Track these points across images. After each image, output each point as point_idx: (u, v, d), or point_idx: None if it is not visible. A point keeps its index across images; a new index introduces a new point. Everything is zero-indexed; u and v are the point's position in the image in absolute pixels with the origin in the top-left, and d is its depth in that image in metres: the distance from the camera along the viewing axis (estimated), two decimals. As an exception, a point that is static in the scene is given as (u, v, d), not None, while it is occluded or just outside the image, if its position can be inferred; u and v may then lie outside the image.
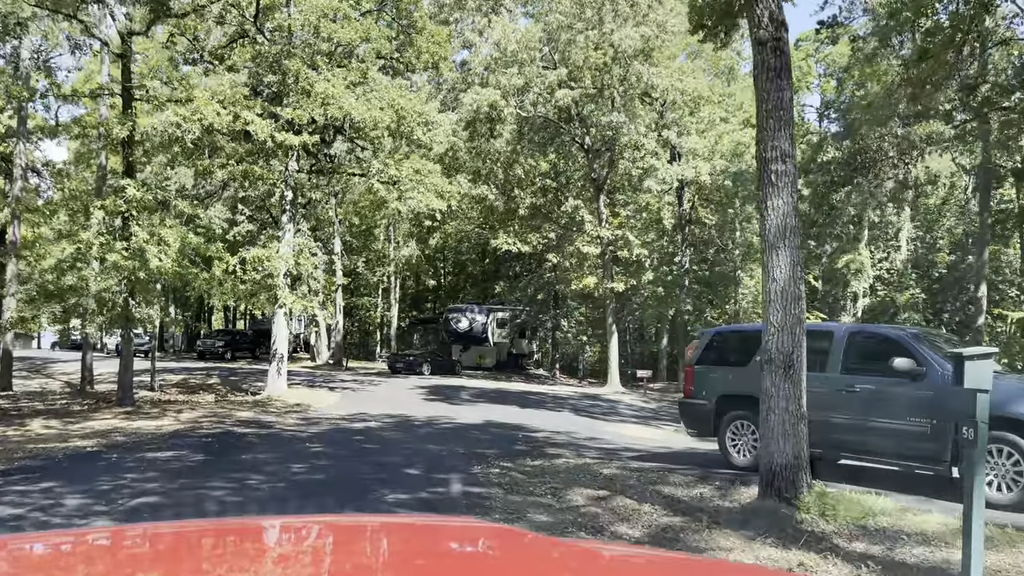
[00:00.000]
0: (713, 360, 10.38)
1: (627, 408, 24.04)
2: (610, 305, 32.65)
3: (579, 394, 28.78)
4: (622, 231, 30.73)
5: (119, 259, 16.88)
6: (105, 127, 18.03)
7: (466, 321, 38.59)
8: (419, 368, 34.72)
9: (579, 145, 31.49)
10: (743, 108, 32.96)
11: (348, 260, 48.12)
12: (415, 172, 22.56)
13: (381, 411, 18.97)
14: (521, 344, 42.56)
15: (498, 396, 24.99)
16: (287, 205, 22.69)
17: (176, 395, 23.03)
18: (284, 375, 22.55)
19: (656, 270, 34.37)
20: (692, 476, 9.18)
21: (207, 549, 1.90)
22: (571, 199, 30.91)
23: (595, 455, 11.71)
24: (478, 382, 31.95)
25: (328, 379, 29.92)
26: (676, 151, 31.60)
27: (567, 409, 22.11)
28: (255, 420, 16.47)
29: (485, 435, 14.57)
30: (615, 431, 16.76)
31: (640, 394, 30.76)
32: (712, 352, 10.51)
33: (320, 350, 43.37)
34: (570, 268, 32.95)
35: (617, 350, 33.00)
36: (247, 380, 27.62)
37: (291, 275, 22.18)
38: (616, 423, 19.04)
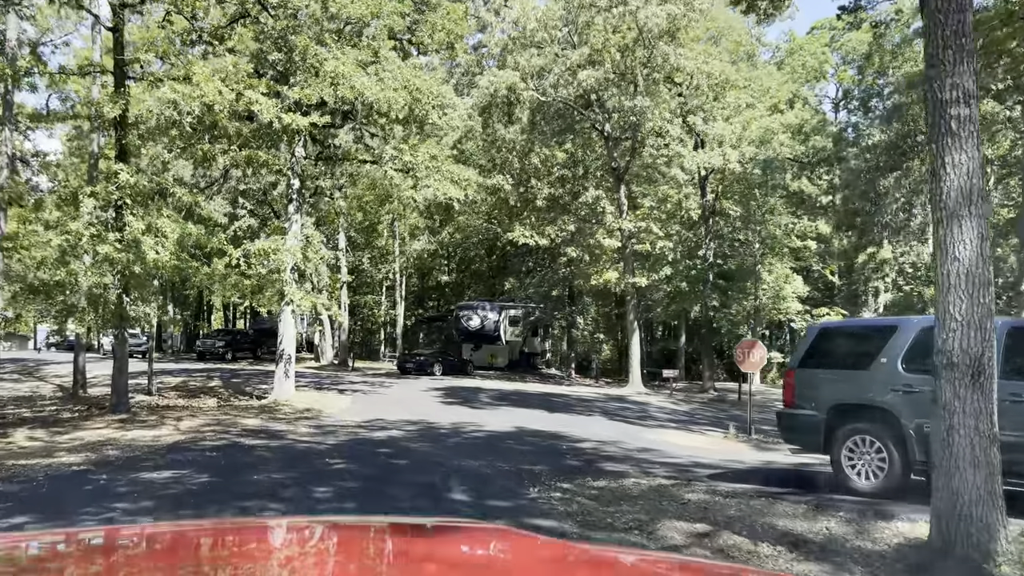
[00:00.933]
0: (821, 362, 8.70)
1: (659, 411, 22.43)
2: (631, 301, 31.02)
3: (602, 395, 27.17)
4: (646, 223, 29.09)
5: (112, 251, 15.25)
6: (96, 107, 16.36)
7: (477, 319, 36.95)
8: (430, 368, 33.09)
9: (599, 132, 29.83)
10: (769, 93, 31.31)
11: (352, 256, 46.51)
12: (431, 158, 20.91)
13: (399, 417, 17.37)
14: (534, 343, 40.91)
15: (519, 399, 23.38)
16: (294, 194, 21.04)
17: (175, 399, 21.41)
18: (292, 377, 20.92)
19: (677, 264, 32.73)
20: (805, 504, 7.56)
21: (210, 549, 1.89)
22: (592, 189, 29.24)
23: (665, 473, 10.08)
24: (493, 383, 30.32)
25: (336, 380, 28.30)
26: (700, 139, 29.96)
27: (597, 413, 20.51)
28: (264, 429, 14.84)
29: (524, 446, 12.95)
30: (663, 439, 15.14)
31: (666, 395, 29.16)
32: (819, 353, 8.82)
33: (324, 350, 41.75)
34: (589, 262, 31.29)
35: (639, 349, 31.38)
36: (250, 382, 26.01)
37: (298, 270, 20.55)
38: (657, 429, 17.44)
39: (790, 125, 29.54)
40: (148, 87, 17.14)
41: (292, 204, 21.03)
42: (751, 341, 16.77)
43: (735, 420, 21.38)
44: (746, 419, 21.28)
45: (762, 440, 15.95)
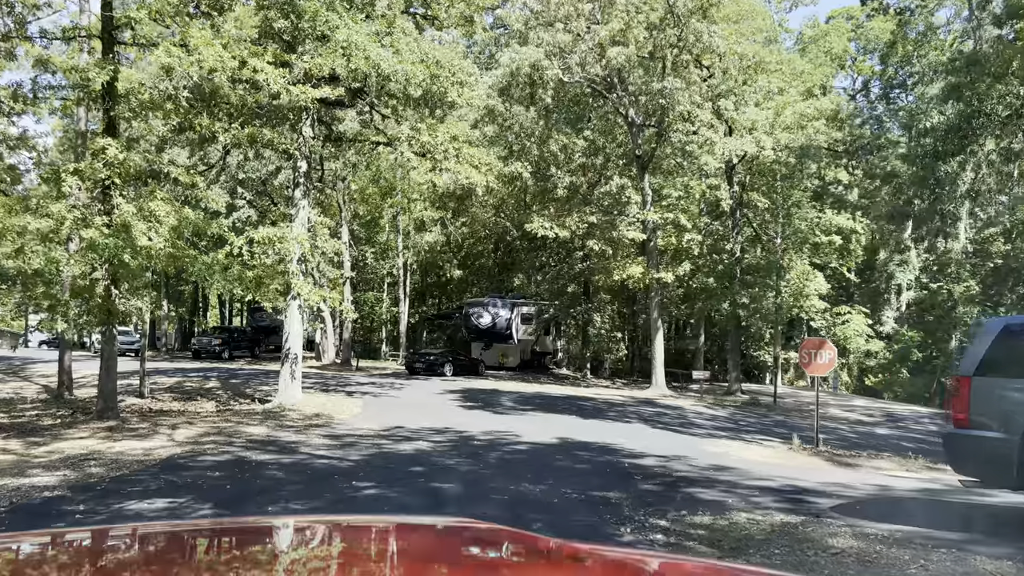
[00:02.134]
0: (1009, 370, 6.79)
1: (699, 417, 20.61)
2: (655, 298, 29.18)
3: (629, 398, 25.35)
4: (673, 214, 27.26)
5: (98, 237, 13.35)
6: (81, 74, 14.44)
7: (488, 316, 35.08)
8: (440, 368, 31.21)
9: (623, 117, 27.95)
10: (802, 77, 29.45)
11: (355, 251, 44.64)
12: (452, 139, 19.03)
13: (421, 424, 15.53)
14: (545, 342, 39.05)
15: (545, 403, 21.55)
16: (300, 178, 19.13)
17: (169, 402, 19.52)
18: (299, 379, 19.03)
19: (704, 259, 30.91)
20: (1011, 561, 5.72)
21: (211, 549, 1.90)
22: (616, 177, 27.36)
23: (773, 503, 8.25)
24: (509, 384, 28.47)
25: (341, 381, 26.42)
26: (728, 126, 28.09)
27: (634, 419, 18.68)
28: (272, 440, 12.96)
29: (579, 464, 11.10)
30: (727, 452, 13.31)
31: (693, 397, 27.36)
32: (1005, 357, 6.87)
33: (326, 348, 39.83)
34: (611, 256, 29.42)
35: (663, 349, 29.54)
36: (251, 383, 24.14)
37: (304, 261, 18.67)
38: (710, 439, 15.61)
39: (825, 111, 27.71)
40: (140, 53, 15.24)
41: (299, 189, 19.12)
42: (818, 340, 14.93)
43: (784, 427, 19.59)
44: (800, 427, 19.53)
45: (833, 453, 14.16)
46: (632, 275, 27.72)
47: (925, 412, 27.94)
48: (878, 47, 45.32)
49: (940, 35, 44.35)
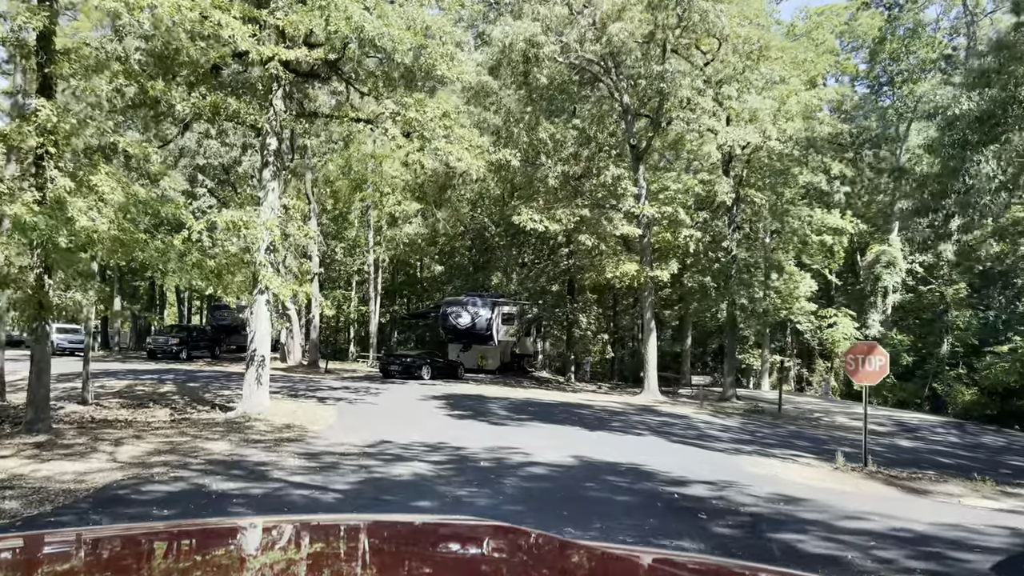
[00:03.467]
0: None
1: (709, 427, 18.78)
2: (649, 298, 27.37)
3: (626, 405, 23.47)
4: (672, 207, 25.44)
5: (26, 214, 11.03)
6: (11, 20, 12.10)
7: (468, 316, 32.97)
8: (417, 371, 29.05)
9: (618, 103, 26.06)
10: (804, 66, 27.90)
11: (324, 246, 42.24)
12: (443, 115, 16.94)
13: (410, 438, 13.44)
14: (526, 343, 37.04)
15: (540, 411, 19.55)
16: (270, 157, 16.85)
17: (117, 410, 17.11)
18: (267, 384, 16.75)
19: (694, 257, 29.21)
20: None
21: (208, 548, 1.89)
22: (612, 167, 25.46)
23: (910, 558, 6.33)
24: (493, 389, 26.44)
25: (311, 385, 24.16)
26: (727, 116, 26.40)
27: (645, 431, 16.77)
28: (237, 460, 10.76)
29: (618, 494, 9.09)
30: (772, 474, 11.45)
31: (693, 404, 25.60)
32: None
33: (292, 349, 37.34)
34: (604, 253, 27.52)
35: (656, 351, 27.73)
36: (210, 387, 21.78)
37: (274, 250, 16.44)
38: (740, 455, 13.77)
39: (830, 101, 26.18)
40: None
41: (268, 169, 16.84)
42: (867, 344, 13.16)
43: (804, 439, 17.87)
44: (821, 439, 17.83)
45: (889, 475, 12.38)
46: (626, 273, 25.85)
47: (934, 420, 26.52)
48: (866, 43, 44.21)
49: (928, 31, 43.42)
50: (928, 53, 42.37)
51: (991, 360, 35.71)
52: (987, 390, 36.63)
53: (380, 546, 2.00)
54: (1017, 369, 34.75)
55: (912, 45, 42.76)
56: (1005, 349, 35.56)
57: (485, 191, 38.71)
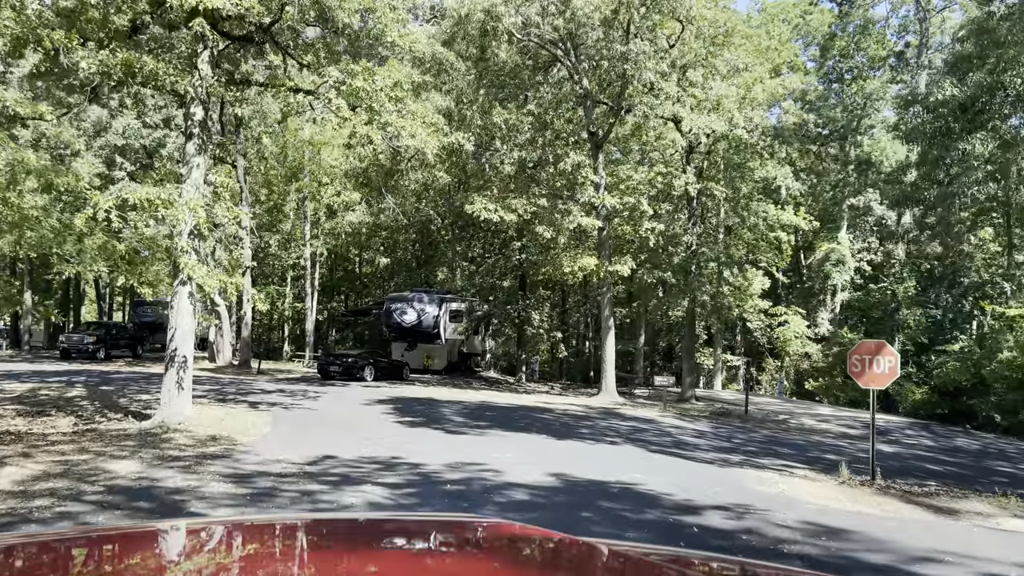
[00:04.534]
0: None
1: (682, 432, 17.35)
2: (607, 294, 25.90)
3: (588, 409, 21.94)
4: (634, 198, 24.01)
5: None
6: None
7: (414, 313, 31.02)
8: (359, 372, 26.99)
9: (578, 85, 24.45)
10: (767, 55, 26.85)
11: (257, 238, 39.64)
12: (394, 85, 15.03)
13: (357, 451, 11.59)
14: (474, 342, 35.24)
15: (498, 416, 17.83)
16: (195, 128, 14.65)
17: (11, 419, 14.70)
18: (189, 389, 14.56)
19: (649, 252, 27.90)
20: None
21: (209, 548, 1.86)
22: (572, 154, 23.87)
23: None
24: (443, 391, 24.62)
25: (242, 388, 21.92)
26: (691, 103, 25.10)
27: (617, 439, 15.22)
28: (146, 487, 8.72)
29: (627, 527, 7.41)
30: (787, 493, 9.99)
31: (655, 406, 24.24)
32: None
33: (221, 348, 34.70)
34: (559, 246, 25.91)
35: (614, 350, 26.31)
36: (127, 391, 19.41)
37: (199, 235, 14.28)
38: (730, 467, 12.32)
39: (794, 90, 25.17)
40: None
41: (192, 142, 14.64)
42: (875, 343, 11.81)
43: (785, 446, 16.60)
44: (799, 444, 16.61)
45: (904, 490, 11.06)
46: (585, 267, 24.32)
47: (900, 422, 25.79)
48: (816, 39, 43.83)
49: (878, 28, 43.29)
50: (878, 50, 42.19)
51: (943, 359, 35.55)
52: (938, 389, 36.48)
53: (380, 545, 1.95)
54: (968, 368, 34.65)
55: (862, 42, 42.53)
56: (956, 348, 35.43)
57: (431, 181, 36.80)
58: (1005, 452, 19.65)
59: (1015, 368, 33.32)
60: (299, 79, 17.59)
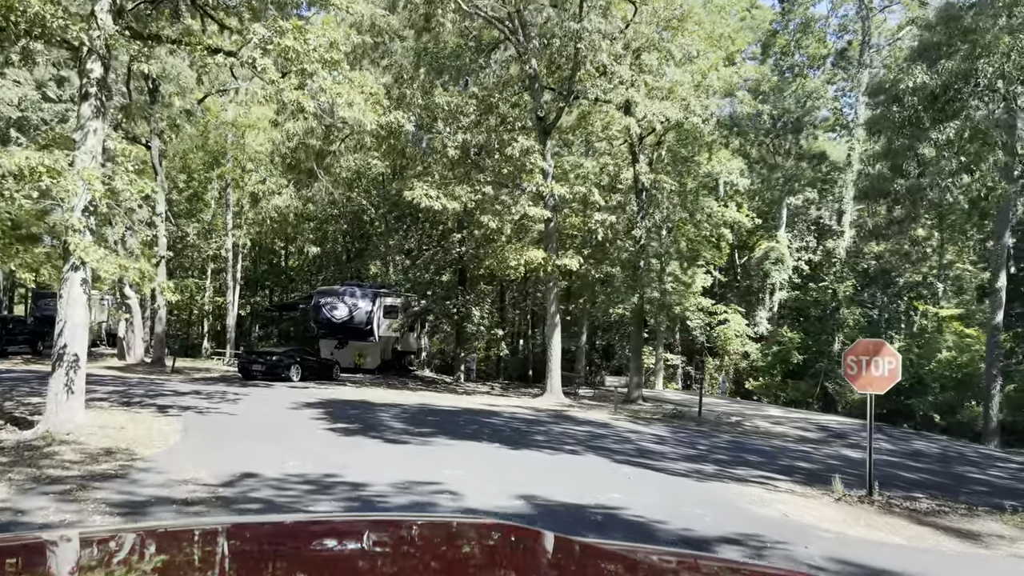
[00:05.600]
0: None
1: (641, 438, 16.01)
2: (554, 289, 24.48)
3: (536, 411, 20.43)
4: (585, 187, 22.63)
5: None
6: None
7: (345, 308, 28.95)
8: (285, 371, 24.86)
9: (527, 65, 22.89)
10: (722, 42, 25.85)
11: (173, 226, 36.82)
12: (330, 46, 13.17)
13: (283, 467, 9.81)
14: (409, 340, 33.33)
15: (442, 421, 16.15)
16: (92, 87, 12.47)
17: None
18: (81, 392, 12.38)
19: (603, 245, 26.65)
20: None
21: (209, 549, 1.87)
22: (521, 138, 22.28)
23: None
24: (378, 393, 22.78)
25: (152, 390, 19.62)
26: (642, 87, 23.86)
27: (577, 447, 13.74)
28: (5, 523, 6.76)
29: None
30: (790, 516, 8.67)
31: (605, 408, 22.93)
32: None
33: (133, 344, 31.87)
34: (504, 237, 24.31)
35: (560, 348, 24.90)
36: (16, 392, 17.02)
37: (94, 211, 12.15)
38: (708, 482, 11.00)
39: (748, 80, 24.24)
40: None
41: (88, 103, 12.45)
42: (873, 342, 10.60)
43: (754, 453, 15.43)
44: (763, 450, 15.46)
45: (912, 509, 9.90)
46: (532, 261, 22.80)
47: (853, 423, 25.13)
48: (758, 35, 43.46)
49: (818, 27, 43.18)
50: (819, 48, 42.07)
51: (882, 359, 35.48)
52: (876, 389, 36.47)
53: (380, 545, 1.95)
54: (907, 368, 34.69)
55: (803, 40, 42.35)
56: (895, 348, 35.41)
57: (365, 169, 34.74)
58: (966, 456, 19.05)
59: (953, 368, 33.45)
60: (220, 41, 15.52)
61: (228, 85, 27.84)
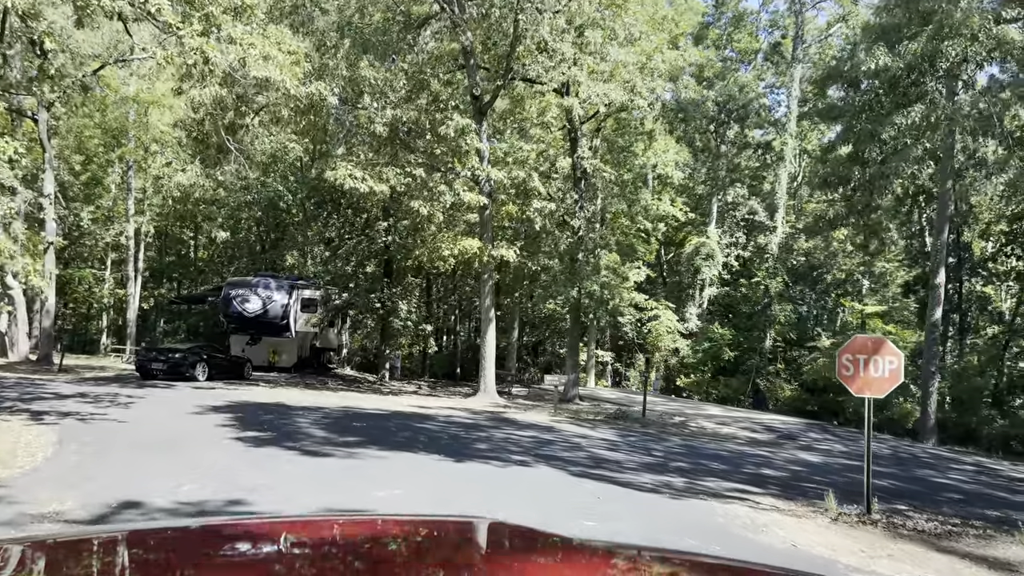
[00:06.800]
0: None
1: (591, 443, 14.55)
2: (488, 282, 22.85)
3: (473, 413, 18.77)
4: (524, 171, 21.08)
5: None
6: None
7: (258, 301, 26.59)
8: (189, 370, 22.43)
9: (464, 36, 21.10)
10: (665, 24, 24.72)
11: (67, 211, 33.53)
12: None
13: (175, 491, 7.92)
14: (329, 336, 31.10)
15: (372, 428, 14.31)
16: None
17: None
18: (-80, 400, 10.03)
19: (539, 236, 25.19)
20: None
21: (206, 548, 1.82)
22: (457, 116, 20.48)
23: None
24: (294, 394, 20.70)
25: (30, 392, 17.06)
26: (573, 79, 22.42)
27: (528, 457, 12.14)
28: None
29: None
30: (807, 549, 7.32)
31: (544, 409, 21.45)
32: None
33: (15, 340, 28.63)
34: (437, 226, 22.48)
35: (494, 346, 23.31)
36: None
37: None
38: (683, 499, 9.60)
39: (692, 65, 23.20)
40: None
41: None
42: (872, 339, 9.33)
43: (713, 458, 14.18)
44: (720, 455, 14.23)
45: (914, 528, 8.72)
46: (466, 250, 21.09)
47: (797, 423, 24.42)
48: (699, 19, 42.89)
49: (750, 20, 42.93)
50: (751, 43, 41.76)
51: (814, 355, 35.33)
52: (806, 386, 36.32)
53: (379, 544, 1.93)
54: (838, 365, 34.61)
55: (735, 34, 41.97)
56: (827, 344, 35.30)
57: (281, 152, 32.31)
58: (919, 457, 18.41)
59: (882, 365, 33.38)
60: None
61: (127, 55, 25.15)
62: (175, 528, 2.25)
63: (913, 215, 30.43)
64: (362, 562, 1.73)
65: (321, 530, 2.11)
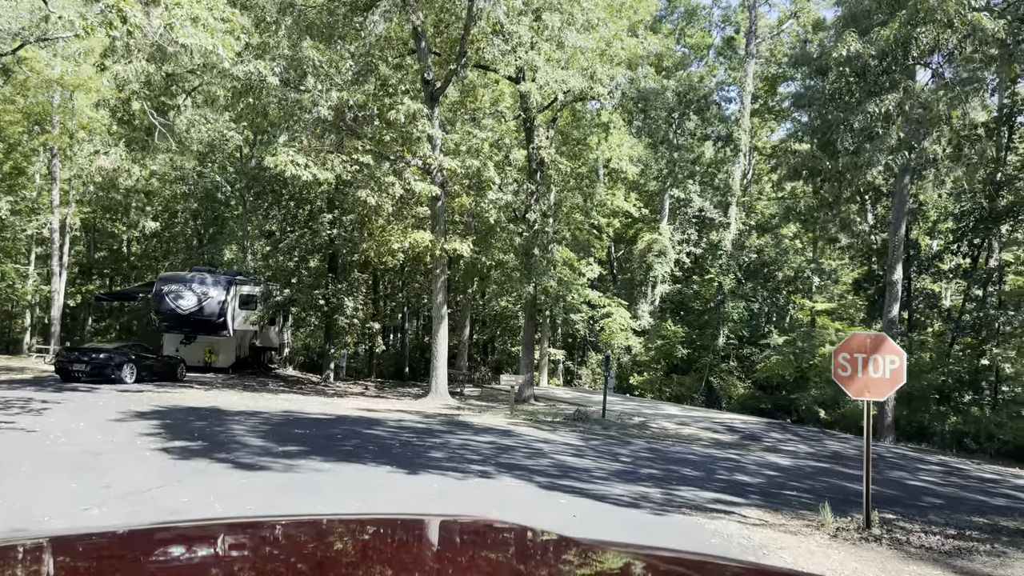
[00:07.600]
0: None
1: (555, 449, 13.57)
2: (440, 277, 21.70)
3: (425, 417, 17.60)
4: (479, 161, 19.99)
5: None
6: None
7: (193, 297, 24.95)
8: (116, 372, 20.75)
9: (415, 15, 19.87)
10: (623, 11, 23.88)
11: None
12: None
13: (80, 521, 6.68)
14: (269, 334, 29.50)
15: (317, 435, 13.07)
16: None
17: None
18: None
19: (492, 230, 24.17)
20: None
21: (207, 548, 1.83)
22: (408, 100, 19.24)
23: None
24: (232, 397, 19.25)
25: (-70, 398, 15.34)
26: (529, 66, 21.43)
27: (489, 467, 11.09)
28: None
29: None
30: (793, 562, 6.37)
31: (500, 411, 20.40)
32: None
33: (-75, 340, 26.36)
34: (385, 218, 21.22)
35: (447, 344, 22.17)
36: None
37: None
38: (667, 514, 8.70)
39: (651, 54, 22.45)
40: None
41: None
42: (872, 337, 8.52)
43: (685, 464, 13.35)
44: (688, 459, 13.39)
45: (920, 544, 7.94)
46: (417, 243, 19.90)
47: (756, 422, 23.89)
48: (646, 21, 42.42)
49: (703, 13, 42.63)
50: (704, 38, 41.43)
51: (767, 353, 35.09)
52: (759, 383, 36.09)
53: (378, 544, 1.92)
54: (791, 363, 34.39)
55: (688, 29, 41.60)
56: (781, 341, 35.09)
57: (218, 142, 30.56)
58: (885, 458, 17.91)
59: (833, 362, 33.30)
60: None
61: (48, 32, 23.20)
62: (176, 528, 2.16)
63: (865, 212, 30.30)
64: (358, 561, 1.71)
65: (315, 530, 2.08)
